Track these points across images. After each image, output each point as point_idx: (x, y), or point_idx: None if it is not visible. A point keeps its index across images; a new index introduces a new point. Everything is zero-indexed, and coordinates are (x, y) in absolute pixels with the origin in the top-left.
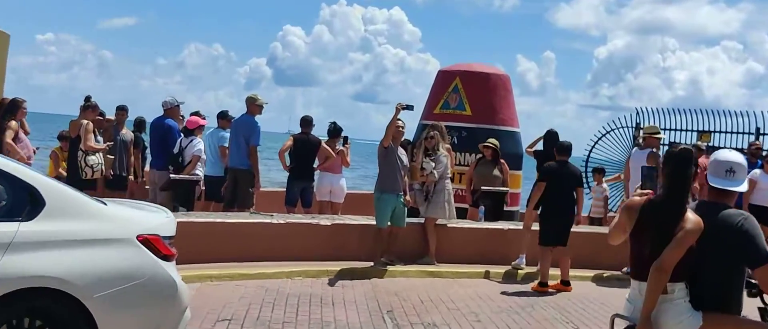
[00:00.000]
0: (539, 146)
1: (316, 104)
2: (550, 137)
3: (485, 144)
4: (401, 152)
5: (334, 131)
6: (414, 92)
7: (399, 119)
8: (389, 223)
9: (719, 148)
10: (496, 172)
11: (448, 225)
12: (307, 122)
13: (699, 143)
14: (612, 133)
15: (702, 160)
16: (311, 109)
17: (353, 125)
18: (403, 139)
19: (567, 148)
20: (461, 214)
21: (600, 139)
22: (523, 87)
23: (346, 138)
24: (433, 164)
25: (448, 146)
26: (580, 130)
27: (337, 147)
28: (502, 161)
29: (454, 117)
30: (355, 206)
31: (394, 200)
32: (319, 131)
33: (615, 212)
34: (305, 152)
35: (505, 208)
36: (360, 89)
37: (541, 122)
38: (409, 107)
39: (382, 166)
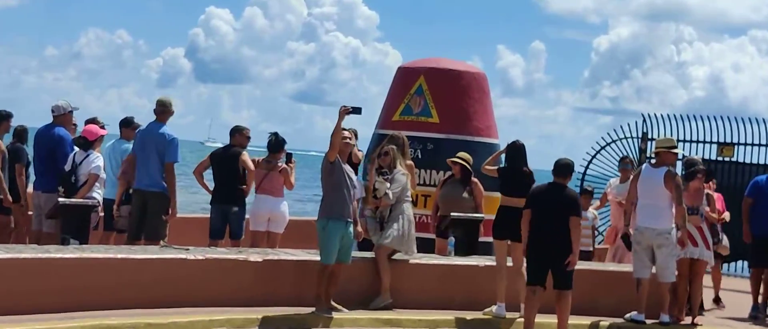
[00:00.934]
0: (502, 162)
1: (247, 106)
2: (515, 151)
3: (453, 159)
4: (349, 168)
5: (276, 144)
6: (370, 91)
7: (345, 130)
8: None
9: (744, 164)
10: (466, 194)
11: (410, 261)
12: (235, 133)
13: (694, 158)
14: (614, 145)
15: (709, 186)
16: (241, 112)
17: (294, 132)
18: (356, 151)
19: (564, 167)
20: (426, 246)
21: (599, 152)
22: (506, 86)
23: (289, 155)
24: (388, 185)
25: (410, 162)
26: (575, 139)
27: (278, 164)
28: (475, 180)
29: (418, 126)
30: (296, 235)
31: (343, 229)
32: (258, 143)
33: (601, 244)
34: (225, 170)
35: (481, 239)
36: (302, 88)
37: (527, 129)
38: (357, 110)
39: (326, 186)
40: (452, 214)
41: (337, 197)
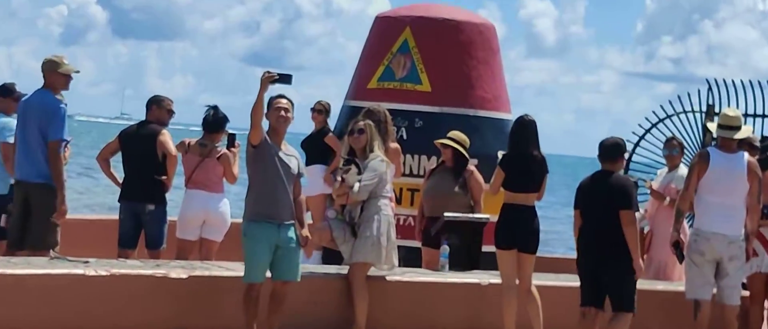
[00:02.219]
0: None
1: (180, 70)
2: (523, 130)
3: (442, 141)
4: (288, 151)
5: (214, 122)
6: (348, 51)
7: (281, 98)
8: (268, 275)
9: None
10: (458, 188)
11: (388, 278)
12: (153, 105)
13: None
14: (671, 120)
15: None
16: (172, 78)
17: (244, 105)
18: (322, 127)
19: (611, 149)
20: (413, 258)
21: (649, 131)
22: (532, 43)
23: (232, 137)
24: (358, 175)
25: (395, 145)
26: (624, 115)
27: (216, 148)
28: (471, 169)
29: (402, 95)
30: (239, 245)
31: (274, 235)
32: (186, 118)
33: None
34: (138, 155)
35: (484, 247)
36: (256, 46)
37: (560, 102)
38: (285, 79)
39: (251, 178)
40: (446, 215)
41: (264, 191)
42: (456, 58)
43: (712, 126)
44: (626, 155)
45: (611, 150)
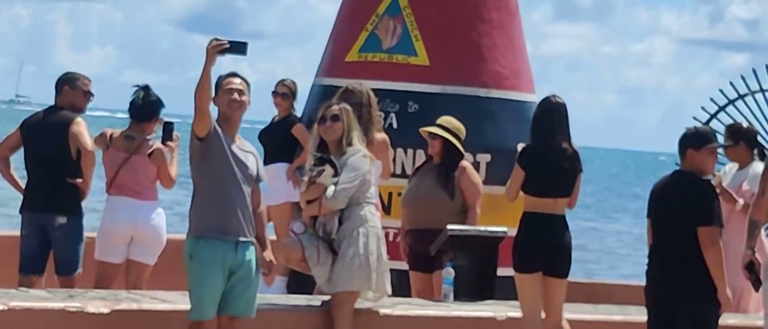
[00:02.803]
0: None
1: (98, 40)
2: (549, 115)
3: (429, 129)
4: (244, 146)
5: (144, 107)
6: (319, 13)
7: (234, 77)
8: (217, 309)
9: None
10: (445, 192)
11: (380, 311)
12: (65, 85)
13: None
14: (743, 101)
15: None
16: (87, 49)
17: (183, 85)
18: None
19: (692, 139)
20: (407, 283)
21: (717, 114)
22: (562, 2)
23: (169, 127)
24: (333, 177)
25: (381, 135)
26: (682, 94)
27: (148, 142)
28: (465, 165)
29: (392, 71)
30: (179, 267)
31: (229, 257)
32: (107, 102)
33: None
34: (44, 151)
35: (500, 270)
36: (197, 7)
37: (600, 78)
38: (238, 48)
39: (197, 181)
40: (449, 228)
41: (214, 199)
42: (462, 21)
43: None
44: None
45: (691, 141)
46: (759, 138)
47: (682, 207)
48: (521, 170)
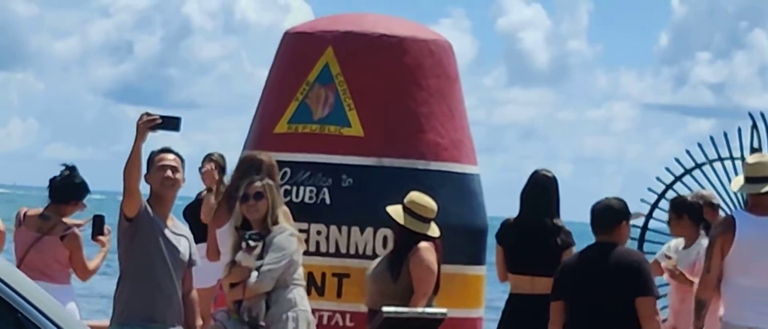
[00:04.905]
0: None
1: (21, 112)
2: (537, 190)
3: (388, 208)
4: (177, 228)
5: (64, 188)
6: (256, 80)
7: (167, 152)
8: None
9: None
10: (389, 273)
11: None
12: None
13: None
14: (702, 170)
15: None
16: (6, 122)
17: (110, 159)
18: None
19: (607, 214)
20: None
21: (673, 184)
22: (515, 65)
23: (100, 219)
24: (259, 256)
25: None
26: (643, 163)
27: (64, 224)
28: (420, 246)
29: (324, 143)
30: None
31: None
32: (26, 179)
33: None
34: None
35: None
36: (127, 76)
37: (556, 148)
38: (171, 124)
39: (125, 263)
40: (384, 310)
41: (142, 284)
42: (397, 89)
43: (737, 181)
44: (632, 221)
45: (607, 215)
46: (717, 206)
47: (617, 280)
48: (500, 247)
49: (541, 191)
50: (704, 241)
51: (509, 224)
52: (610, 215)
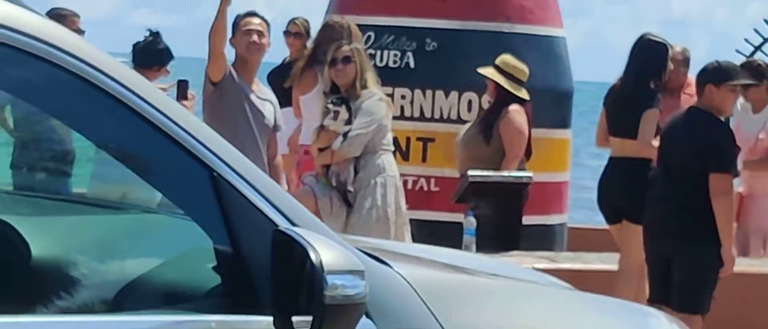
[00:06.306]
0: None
1: None
2: (644, 52)
3: (482, 70)
4: (262, 93)
5: (148, 54)
6: None
7: (253, 16)
8: None
9: None
10: (482, 136)
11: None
12: None
13: None
14: None
15: None
16: None
17: (192, 26)
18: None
19: (719, 73)
20: (427, 233)
21: (763, 45)
22: None
23: (184, 84)
24: (347, 120)
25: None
26: (734, 23)
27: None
28: (510, 109)
29: (410, 6)
30: None
31: None
32: (112, 46)
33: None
34: None
35: (526, 219)
36: None
37: (639, 11)
38: None
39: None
40: (470, 174)
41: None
42: None
43: None
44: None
45: (711, 75)
46: None
47: (694, 148)
48: (603, 109)
49: (645, 56)
50: None
51: (612, 87)
52: (699, 77)
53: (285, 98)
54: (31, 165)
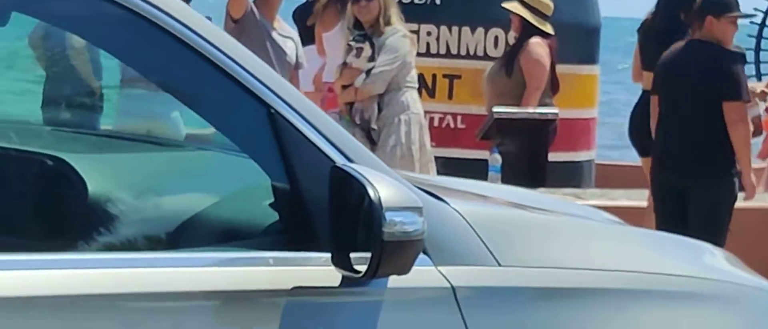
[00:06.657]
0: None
1: None
2: None
3: (507, 5)
4: (284, 30)
5: None
6: None
7: None
8: None
9: None
10: (504, 72)
11: None
12: None
13: None
14: None
15: None
16: None
17: None
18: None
19: (719, 4)
20: (452, 171)
21: None
22: None
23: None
24: (370, 57)
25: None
26: None
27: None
28: (531, 41)
29: None
30: None
31: None
32: None
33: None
34: None
35: (552, 156)
36: None
37: None
38: None
39: None
40: (495, 110)
41: None
42: None
43: None
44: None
45: (711, 6)
46: None
47: (703, 80)
48: (637, 44)
49: None
50: None
51: (643, 22)
52: (698, 8)
53: (309, 36)
54: (65, 101)
